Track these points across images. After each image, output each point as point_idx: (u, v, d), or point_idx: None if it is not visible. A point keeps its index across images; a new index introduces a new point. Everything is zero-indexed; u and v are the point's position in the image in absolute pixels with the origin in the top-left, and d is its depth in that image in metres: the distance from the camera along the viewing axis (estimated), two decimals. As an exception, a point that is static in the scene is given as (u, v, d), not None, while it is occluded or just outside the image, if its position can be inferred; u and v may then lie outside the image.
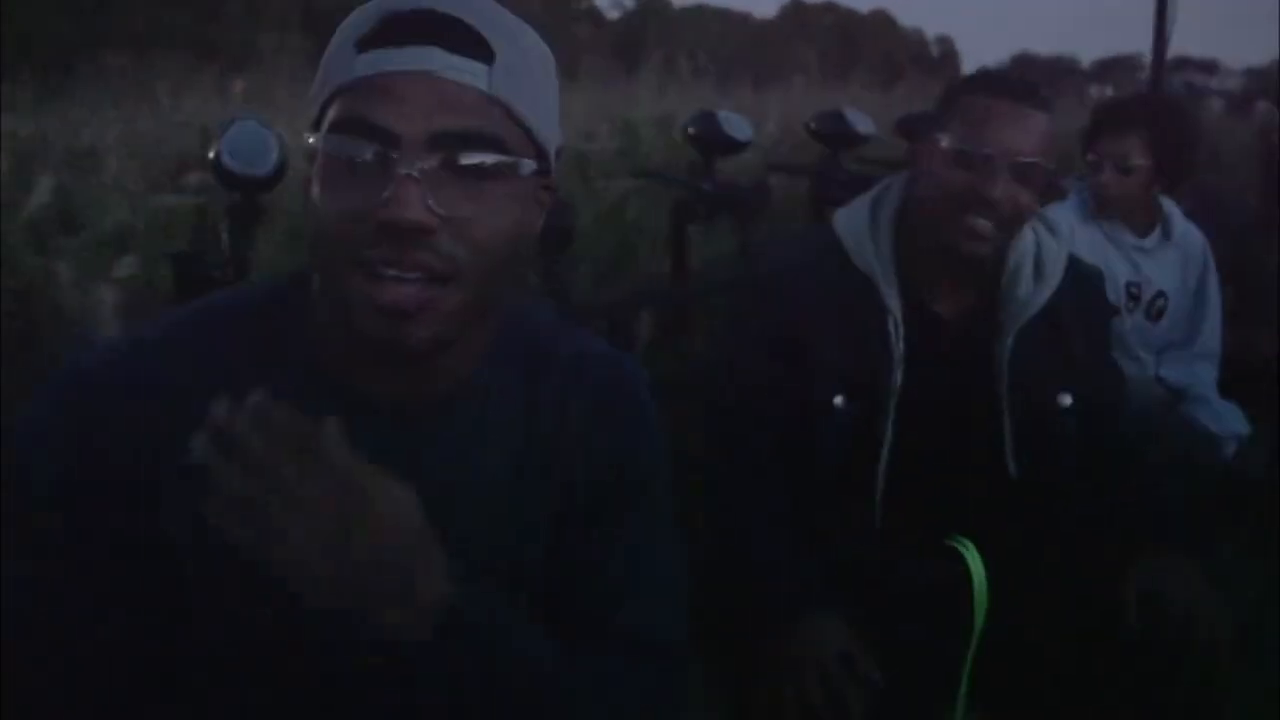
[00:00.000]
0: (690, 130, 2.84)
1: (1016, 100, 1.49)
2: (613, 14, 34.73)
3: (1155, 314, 2.44)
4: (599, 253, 4.01)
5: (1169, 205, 2.47)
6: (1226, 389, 2.43)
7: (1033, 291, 1.55)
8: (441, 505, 0.91)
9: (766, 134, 6.42)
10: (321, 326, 0.91)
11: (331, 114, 0.83)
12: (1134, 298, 2.43)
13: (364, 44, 0.83)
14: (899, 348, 1.52)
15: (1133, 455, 1.65)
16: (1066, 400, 1.56)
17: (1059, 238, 1.61)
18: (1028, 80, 1.57)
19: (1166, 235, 2.44)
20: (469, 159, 0.82)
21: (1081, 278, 1.62)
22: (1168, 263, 2.44)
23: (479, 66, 0.82)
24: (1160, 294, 2.43)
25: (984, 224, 1.47)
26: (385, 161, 0.80)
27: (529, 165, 0.86)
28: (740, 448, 1.56)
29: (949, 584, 1.52)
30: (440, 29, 0.82)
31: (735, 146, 2.83)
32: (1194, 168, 2.51)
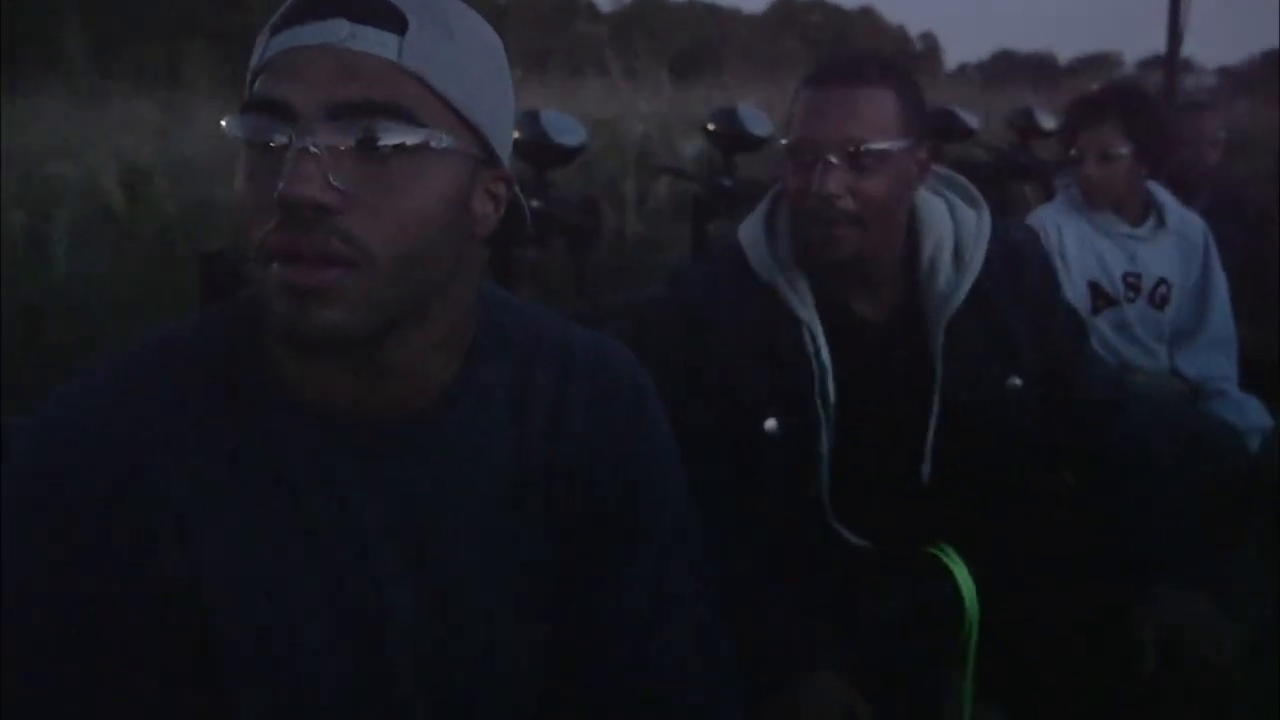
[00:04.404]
0: (710, 126, 2.83)
1: (842, 83, 1.36)
2: (607, 8, 34.73)
3: (1159, 302, 2.45)
4: (624, 249, 3.98)
5: (1161, 193, 2.49)
6: (1245, 385, 2.42)
7: (954, 281, 1.44)
8: (438, 524, 0.88)
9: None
10: (277, 340, 0.84)
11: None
12: (1133, 287, 2.44)
13: (277, 26, 0.80)
14: (820, 359, 1.42)
15: (1116, 415, 1.54)
16: (1016, 382, 1.46)
17: (980, 212, 1.49)
18: (863, 58, 1.41)
19: (1161, 222, 2.46)
20: (373, 132, 0.76)
21: (1012, 248, 1.50)
22: (1166, 249, 2.45)
23: (389, 36, 0.77)
24: (1162, 281, 2.44)
25: (830, 227, 1.36)
26: (287, 139, 0.75)
27: (445, 140, 0.79)
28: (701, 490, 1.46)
29: (935, 601, 1.45)
30: (348, 1, 0.78)
31: (756, 143, 2.83)
32: (1174, 151, 2.54)
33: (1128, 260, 2.45)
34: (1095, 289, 2.44)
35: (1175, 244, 2.47)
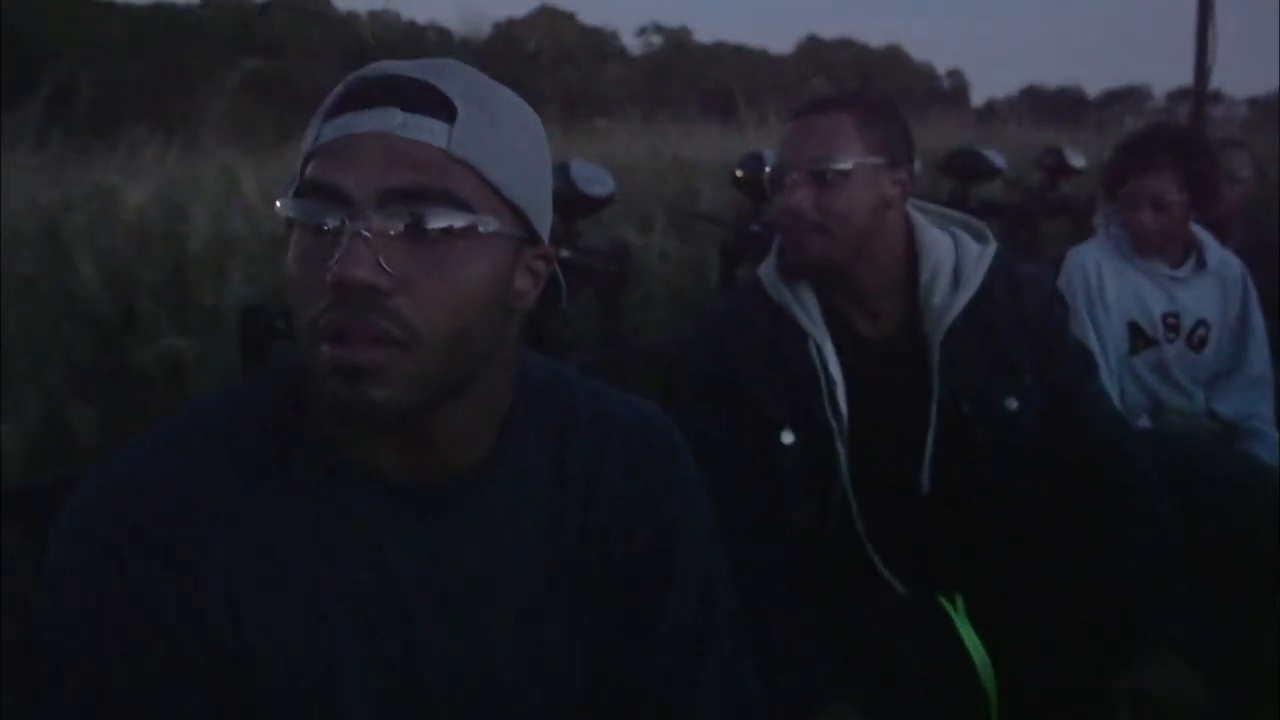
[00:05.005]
0: (738, 173, 2.85)
1: (805, 114, 1.52)
2: (637, 52, 35.01)
3: (1198, 343, 2.42)
4: (654, 297, 3.98)
5: (1202, 234, 2.46)
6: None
7: (949, 299, 1.51)
8: (475, 587, 0.90)
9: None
10: (326, 412, 0.87)
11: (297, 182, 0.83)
12: (1172, 329, 2.42)
13: (330, 112, 0.83)
14: (829, 371, 1.50)
15: (1116, 465, 1.57)
16: (1013, 404, 1.51)
17: (984, 243, 1.57)
18: (841, 94, 1.57)
19: (1202, 264, 2.43)
20: (423, 217, 0.79)
21: (1016, 278, 1.58)
22: (1206, 291, 2.43)
23: (438, 124, 0.81)
24: (1201, 322, 2.42)
25: (798, 235, 1.49)
26: (340, 222, 0.79)
27: (491, 224, 0.82)
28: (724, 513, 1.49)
29: (950, 645, 1.47)
30: (400, 90, 0.81)
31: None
32: (1219, 193, 2.51)
33: (1168, 301, 2.43)
34: (1134, 329, 2.42)
35: (1215, 285, 2.45)
